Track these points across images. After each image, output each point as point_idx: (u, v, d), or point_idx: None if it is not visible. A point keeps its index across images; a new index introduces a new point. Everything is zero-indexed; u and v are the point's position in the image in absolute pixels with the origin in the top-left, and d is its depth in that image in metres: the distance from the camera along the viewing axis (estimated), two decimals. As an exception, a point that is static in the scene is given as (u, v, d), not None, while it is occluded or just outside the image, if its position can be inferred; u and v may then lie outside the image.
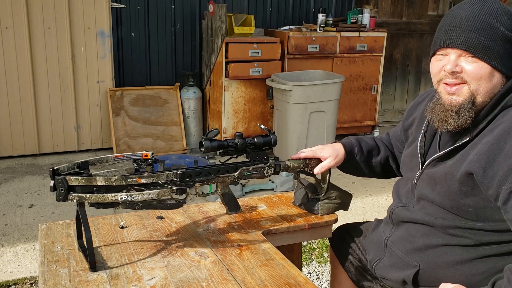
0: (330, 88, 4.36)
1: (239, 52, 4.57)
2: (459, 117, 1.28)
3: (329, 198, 1.67)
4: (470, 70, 1.26)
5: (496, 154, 1.21)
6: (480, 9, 1.26)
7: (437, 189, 1.34)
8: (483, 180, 1.22)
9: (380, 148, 1.72)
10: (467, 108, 1.27)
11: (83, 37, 4.49)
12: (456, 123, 1.28)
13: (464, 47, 1.26)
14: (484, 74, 1.26)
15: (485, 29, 1.24)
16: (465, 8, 1.28)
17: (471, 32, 1.25)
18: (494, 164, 1.20)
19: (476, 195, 1.26)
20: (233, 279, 1.26)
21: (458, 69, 1.27)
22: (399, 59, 6.42)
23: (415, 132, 1.55)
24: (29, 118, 4.47)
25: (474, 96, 1.27)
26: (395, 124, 2.12)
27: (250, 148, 1.51)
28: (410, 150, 1.53)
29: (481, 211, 1.28)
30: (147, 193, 1.29)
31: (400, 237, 1.46)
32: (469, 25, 1.25)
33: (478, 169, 1.22)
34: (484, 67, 1.25)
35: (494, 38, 1.24)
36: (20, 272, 2.70)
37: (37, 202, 3.60)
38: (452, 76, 1.29)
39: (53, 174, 1.25)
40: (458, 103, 1.29)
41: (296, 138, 4.33)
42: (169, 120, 4.81)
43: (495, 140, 1.22)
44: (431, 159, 1.40)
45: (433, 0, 6.38)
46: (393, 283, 1.46)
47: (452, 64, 1.28)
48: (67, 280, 1.24)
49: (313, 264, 2.93)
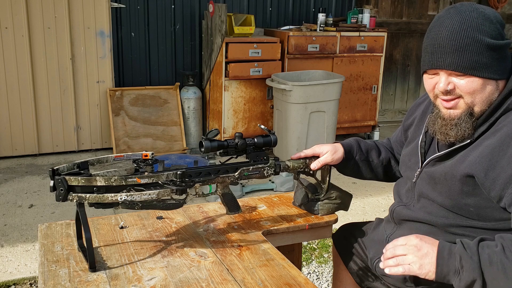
0: (330, 88, 4.36)
1: (239, 52, 4.57)
2: (459, 128, 1.30)
3: (329, 198, 1.67)
4: (462, 85, 1.27)
5: (499, 157, 1.22)
6: (460, 25, 1.25)
7: (438, 188, 1.35)
8: (485, 182, 1.23)
9: (380, 149, 1.73)
10: (465, 119, 1.29)
11: (83, 37, 4.49)
12: (456, 135, 1.31)
13: (452, 68, 1.26)
14: (476, 87, 1.27)
15: (468, 45, 1.24)
16: (446, 24, 1.27)
17: (456, 52, 1.25)
18: (497, 167, 1.21)
19: (477, 195, 1.27)
20: (233, 279, 1.26)
21: (451, 87, 1.29)
22: (399, 59, 6.42)
23: (414, 131, 1.56)
24: (29, 118, 4.47)
25: (471, 108, 1.29)
26: (395, 124, 2.11)
27: (250, 148, 1.51)
28: (409, 149, 1.54)
29: (482, 211, 1.28)
30: (147, 193, 1.29)
31: (401, 235, 1.46)
32: (453, 45, 1.25)
33: (479, 171, 1.23)
34: (475, 80, 1.26)
35: (480, 51, 1.24)
36: (20, 272, 2.69)
37: (37, 202, 3.59)
38: (446, 94, 1.30)
39: (53, 174, 1.25)
40: (457, 116, 1.31)
41: (296, 138, 4.33)
42: (169, 120, 4.81)
43: (497, 143, 1.23)
44: (430, 159, 1.41)
45: (433, 0, 6.38)
46: (394, 280, 1.47)
47: (444, 83, 1.29)
48: (67, 280, 1.24)
49: (313, 264, 2.93)
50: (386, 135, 5.51)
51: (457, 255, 1.18)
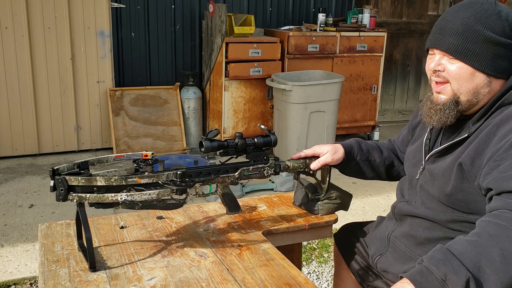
0: (330, 88, 4.36)
1: (239, 52, 4.57)
2: (442, 114, 1.34)
3: (329, 198, 1.67)
4: (451, 70, 1.32)
5: (485, 145, 1.25)
6: (465, 13, 1.30)
7: (436, 184, 1.38)
8: (471, 170, 1.26)
9: (382, 149, 1.73)
10: (449, 106, 1.33)
11: (83, 37, 4.49)
12: (439, 120, 1.35)
13: (444, 48, 1.32)
14: (464, 75, 1.31)
15: (466, 32, 1.29)
16: (455, 10, 1.34)
17: (453, 35, 1.30)
18: (482, 155, 1.25)
19: (464, 190, 1.29)
20: (233, 279, 1.26)
21: (440, 68, 1.34)
22: (399, 59, 6.42)
23: (421, 129, 1.58)
24: (29, 118, 4.47)
25: (457, 96, 1.33)
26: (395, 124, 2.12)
27: (250, 148, 1.51)
28: (414, 146, 1.56)
29: (471, 205, 1.30)
30: (147, 193, 1.29)
31: (403, 232, 1.48)
32: (452, 28, 1.31)
33: (467, 159, 1.27)
34: (464, 67, 1.30)
35: (475, 41, 1.28)
36: (20, 272, 2.70)
37: (37, 202, 3.59)
38: (434, 74, 1.35)
39: (53, 174, 1.25)
40: (442, 101, 1.35)
41: (296, 138, 4.33)
42: (169, 120, 4.81)
43: (485, 133, 1.27)
44: (431, 154, 1.44)
45: (433, 0, 6.38)
46: (394, 276, 1.47)
47: (436, 63, 1.35)
48: (67, 280, 1.24)
49: (313, 264, 2.93)
50: (386, 135, 5.52)
51: (432, 267, 1.04)
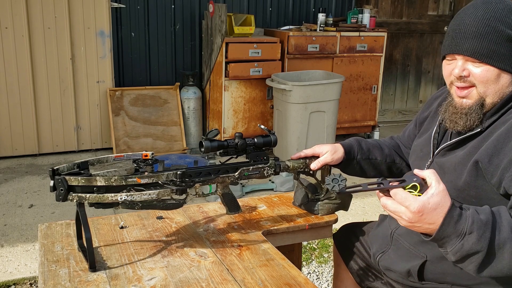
0: (330, 88, 4.36)
1: (239, 52, 4.57)
2: (468, 119, 1.32)
3: (329, 199, 1.67)
4: (477, 73, 1.29)
5: (504, 143, 1.23)
6: (484, 14, 1.28)
7: (445, 178, 1.35)
8: (488, 168, 1.24)
9: (383, 146, 1.73)
10: (475, 110, 1.31)
11: (83, 37, 4.49)
12: (465, 125, 1.32)
13: (469, 53, 1.28)
14: (490, 77, 1.28)
15: (489, 33, 1.26)
16: (469, 13, 1.31)
17: (475, 38, 1.27)
18: (501, 153, 1.23)
19: (479, 187, 1.28)
20: (233, 279, 1.26)
21: (466, 73, 1.31)
22: (399, 59, 6.42)
23: (429, 123, 1.57)
24: (29, 118, 4.47)
25: (483, 99, 1.30)
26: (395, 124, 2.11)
27: (250, 148, 1.51)
28: (422, 139, 1.55)
29: (484, 202, 1.28)
30: (147, 193, 1.29)
31: (407, 229, 1.46)
32: (473, 31, 1.28)
33: (484, 157, 1.25)
34: (491, 70, 1.28)
35: (499, 41, 1.26)
36: (20, 272, 2.70)
37: (37, 202, 3.59)
38: (460, 80, 1.32)
39: (53, 174, 1.25)
40: (468, 105, 1.32)
41: (296, 138, 4.33)
42: (169, 120, 4.81)
43: (504, 130, 1.25)
44: (441, 148, 1.42)
45: (433, 0, 6.38)
46: (397, 275, 1.46)
47: (460, 68, 1.31)
48: (67, 280, 1.24)
49: (313, 264, 2.93)
50: (386, 135, 5.50)
51: (469, 218, 1.12)
